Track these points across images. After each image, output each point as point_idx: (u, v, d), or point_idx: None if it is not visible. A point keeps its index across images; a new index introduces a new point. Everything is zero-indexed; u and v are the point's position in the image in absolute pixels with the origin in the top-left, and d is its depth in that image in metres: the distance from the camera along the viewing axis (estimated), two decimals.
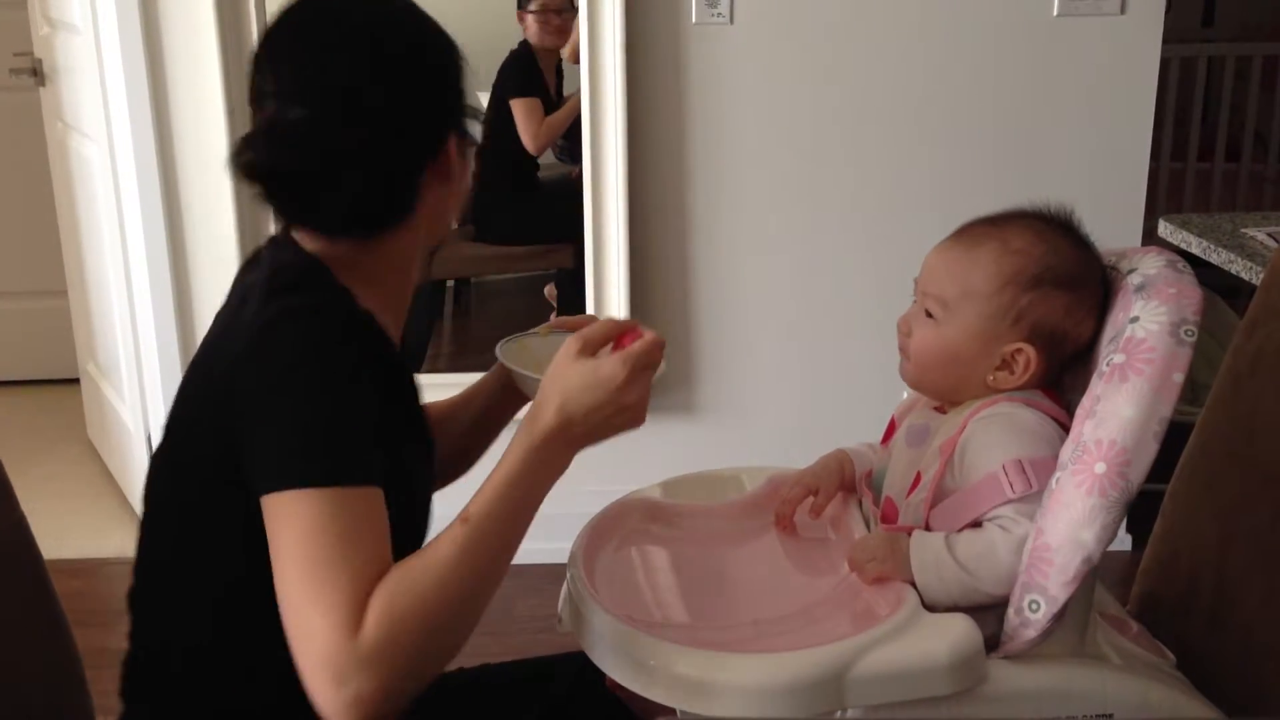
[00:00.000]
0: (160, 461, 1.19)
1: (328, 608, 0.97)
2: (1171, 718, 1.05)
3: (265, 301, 1.10)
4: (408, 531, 1.08)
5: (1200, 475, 1.38)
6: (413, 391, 1.23)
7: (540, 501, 1.08)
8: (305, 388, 1.03)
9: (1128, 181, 2.61)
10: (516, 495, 1.06)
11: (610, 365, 1.06)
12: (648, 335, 1.09)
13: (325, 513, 1.00)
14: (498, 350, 1.26)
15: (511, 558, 1.07)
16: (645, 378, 1.08)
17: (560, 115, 3.18)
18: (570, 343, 1.08)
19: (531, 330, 1.29)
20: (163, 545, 1.18)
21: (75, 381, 3.51)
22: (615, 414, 1.07)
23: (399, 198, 1.15)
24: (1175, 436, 1.20)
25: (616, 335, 1.10)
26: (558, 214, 2.86)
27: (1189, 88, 4.09)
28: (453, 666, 1.38)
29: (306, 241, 1.16)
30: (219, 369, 1.10)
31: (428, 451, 1.26)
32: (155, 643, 1.19)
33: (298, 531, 1.00)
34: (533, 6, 3.15)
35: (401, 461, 1.12)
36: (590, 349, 1.08)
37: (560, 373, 1.08)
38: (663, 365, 1.15)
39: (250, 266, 1.21)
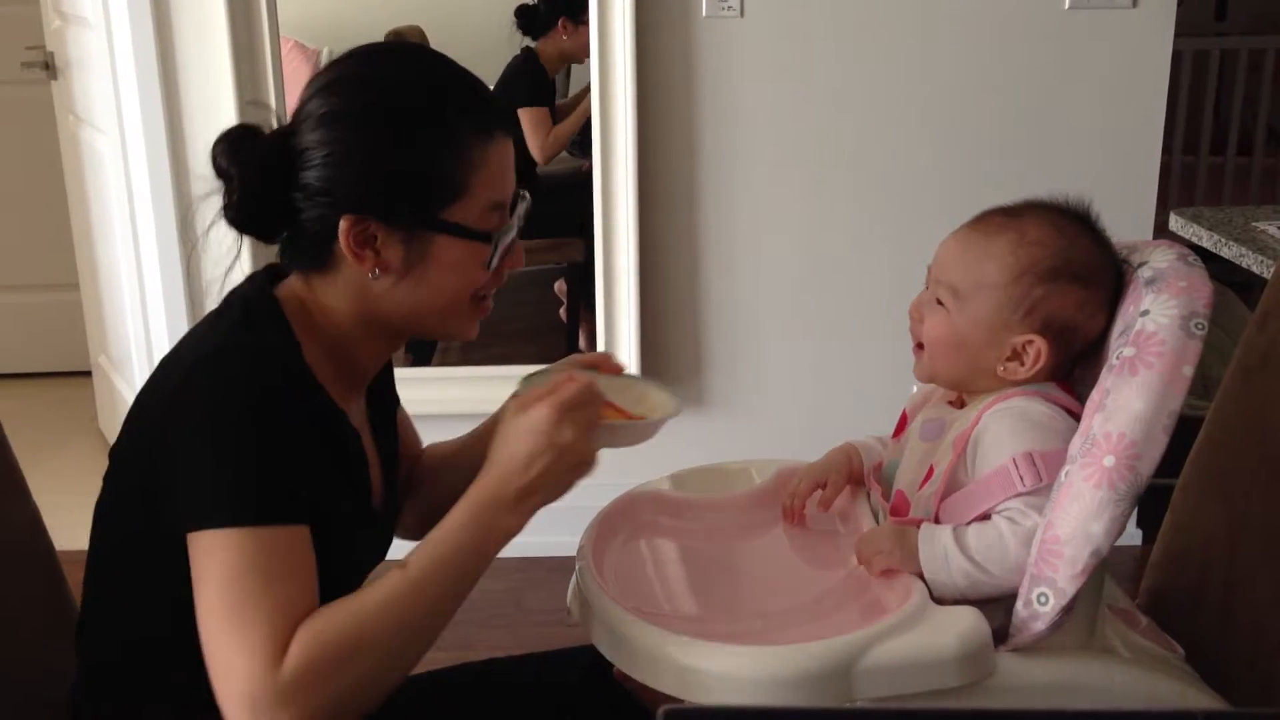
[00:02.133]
0: (102, 492, 1.17)
1: (249, 645, 0.98)
2: (1177, 707, 1.05)
3: (206, 336, 1.11)
4: (335, 588, 1.07)
5: (1210, 469, 1.38)
6: (350, 455, 1.17)
7: (484, 563, 1.07)
8: (228, 427, 1.03)
9: (1139, 175, 2.60)
10: (457, 555, 1.05)
11: (536, 409, 1.05)
12: (579, 378, 1.08)
13: (248, 551, 1.01)
14: (520, 388, 1.18)
15: (452, 612, 1.06)
16: (578, 419, 1.06)
17: (568, 125, 3.16)
18: (510, 404, 1.08)
19: (542, 370, 1.24)
20: (96, 582, 1.18)
21: (87, 374, 3.53)
22: (555, 460, 1.05)
23: (319, 235, 1.12)
24: (1186, 430, 1.19)
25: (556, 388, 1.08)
26: (568, 208, 2.85)
27: (1202, 81, 4.07)
28: (458, 661, 1.38)
29: (288, 283, 1.16)
30: (155, 404, 1.10)
31: (369, 518, 1.22)
32: (93, 666, 1.19)
33: (220, 570, 1.01)
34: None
35: (329, 519, 1.10)
36: (528, 406, 1.07)
37: (499, 431, 1.08)
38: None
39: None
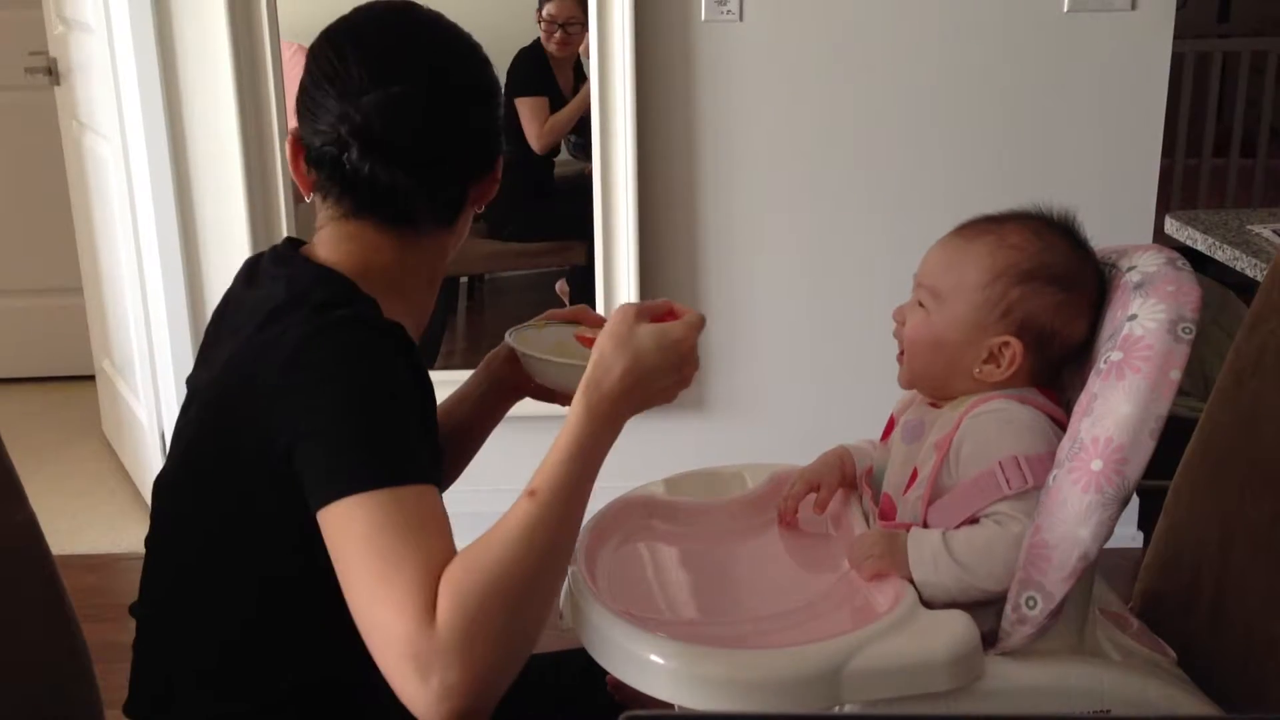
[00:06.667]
0: (177, 488, 1.17)
1: (399, 605, 0.95)
2: (1169, 713, 1.05)
3: (298, 316, 1.09)
4: None
5: (1203, 472, 1.38)
6: (433, 400, 1.22)
7: (598, 470, 1.07)
8: (351, 396, 1.04)
9: (1138, 178, 2.60)
10: (580, 464, 1.05)
11: (680, 329, 1.08)
12: (693, 311, 1.12)
13: (382, 513, 0.98)
14: (510, 339, 1.27)
15: (577, 529, 1.07)
16: (696, 347, 1.10)
17: (564, 114, 3.17)
18: (626, 309, 1.09)
19: (528, 324, 1.31)
20: (176, 569, 1.18)
21: (91, 378, 3.54)
22: (676, 382, 1.09)
23: (458, 199, 1.18)
24: (1180, 433, 1.19)
25: (663, 313, 1.12)
26: (571, 211, 2.86)
27: (1204, 83, 4.07)
28: None
29: (326, 254, 1.17)
30: (257, 391, 1.07)
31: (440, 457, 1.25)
32: (165, 662, 1.19)
33: (358, 537, 0.98)
34: (543, 14, 3.15)
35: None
36: (647, 316, 1.10)
37: (625, 336, 1.07)
38: None
39: (252, 281, 1.19)
